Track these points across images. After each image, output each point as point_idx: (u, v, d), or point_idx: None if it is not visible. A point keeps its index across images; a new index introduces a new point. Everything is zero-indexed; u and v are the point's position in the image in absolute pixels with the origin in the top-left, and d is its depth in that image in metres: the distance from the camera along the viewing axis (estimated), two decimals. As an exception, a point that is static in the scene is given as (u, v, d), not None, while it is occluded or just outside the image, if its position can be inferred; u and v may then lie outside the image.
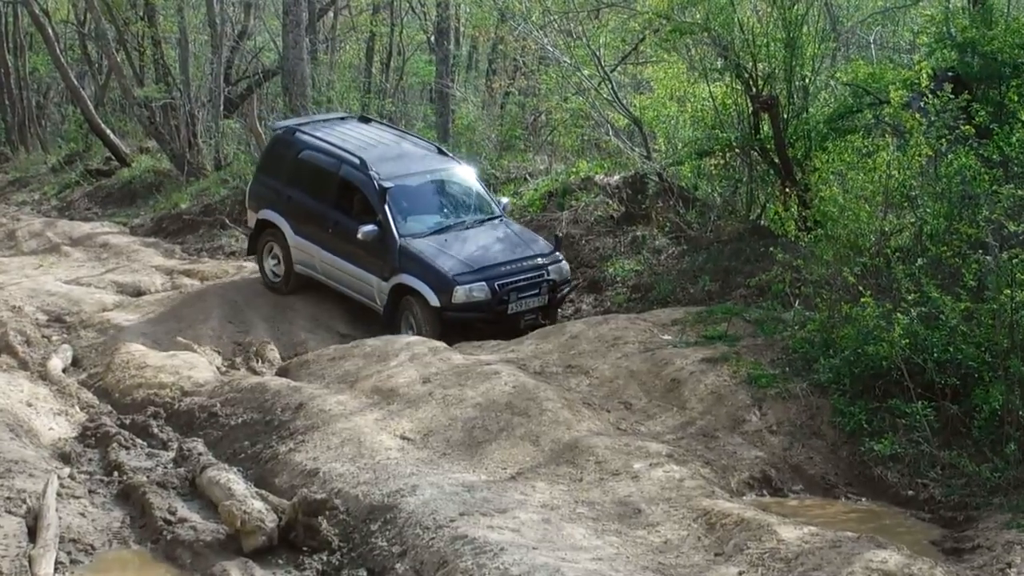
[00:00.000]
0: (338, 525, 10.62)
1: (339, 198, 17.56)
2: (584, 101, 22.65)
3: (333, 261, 17.58)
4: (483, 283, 16.29)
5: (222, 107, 30.74)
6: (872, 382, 12.18)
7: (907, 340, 11.54)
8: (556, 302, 16.98)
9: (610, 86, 21.94)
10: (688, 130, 19.79)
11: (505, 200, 18.87)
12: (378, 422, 12.51)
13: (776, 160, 16.98)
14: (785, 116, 16.79)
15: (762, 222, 17.43)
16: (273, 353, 16.28)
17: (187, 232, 24.31)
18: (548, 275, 16.70)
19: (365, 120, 19.94)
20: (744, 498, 11.14)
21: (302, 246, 17.99)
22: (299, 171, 18.13)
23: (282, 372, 15.15)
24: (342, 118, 20.19)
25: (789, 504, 11.21)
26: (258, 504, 10.78)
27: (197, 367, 15.28)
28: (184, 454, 12.65)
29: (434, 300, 16.21)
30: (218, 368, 15.70)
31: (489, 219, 17.68)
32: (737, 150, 18.03)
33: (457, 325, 16.29)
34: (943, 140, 13.03)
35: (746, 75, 17.06)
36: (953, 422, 11.46)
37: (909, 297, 11.84)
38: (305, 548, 10.45)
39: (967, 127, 13.10)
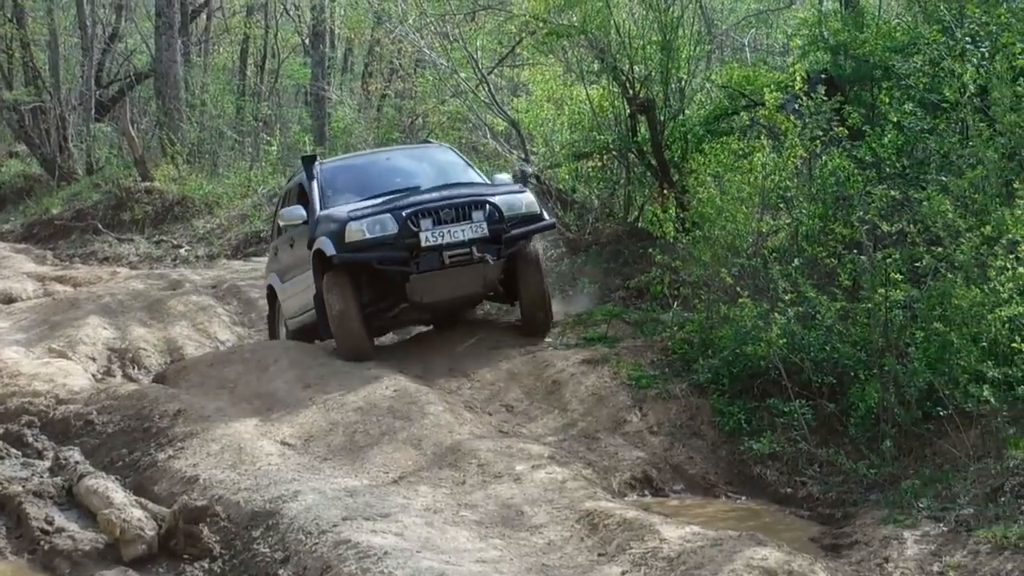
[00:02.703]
0: (219, 532, 10.48)
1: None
2: (461, 104, 22.68)
3: (290, 288, 15.36)
4: (387, 215, 13.62)
5: (93, 110, 30.38)
6: (751, 382, 12.30)
7: (784, 340, 11.64)
8: (511, 238, 13.75)
9: (487, 89, 21.97)
10: (565, 132, 19.87)
11: (505, 175, 15.44)
12: (258, 428, 12.39)
13: (653, 162, 17.11)
14: (662, 118, 16.93)
15: (640, 224, 17.52)
16: (150, 359, 16.07)
17: (59, 238, 23.97)
18: (489, 202, 13.80)
19: None
20: (626, 498, 11.18)
21: (285, 291, 15.63)
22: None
23: (159, 379, 14.95)
24: None
25: (670, 504, 11.27)
26: (137, 512, 10.62)
27: (72, 375, 15.03)
28: (60, 463, 12.42)
29: (330, 248, 13.60)
30: (94, 375, 15.47)
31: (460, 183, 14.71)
32: (614, 152, 18.14)
33: (364, 273, 13.77)
34: (817, 142, 13.21)
35: (623, 78, 17.17)
36: (830, 420, 11.59)
37: (786, 297, 11.95)
38: (186, 556, 10.31)
39: (840, 129, 13.29)
